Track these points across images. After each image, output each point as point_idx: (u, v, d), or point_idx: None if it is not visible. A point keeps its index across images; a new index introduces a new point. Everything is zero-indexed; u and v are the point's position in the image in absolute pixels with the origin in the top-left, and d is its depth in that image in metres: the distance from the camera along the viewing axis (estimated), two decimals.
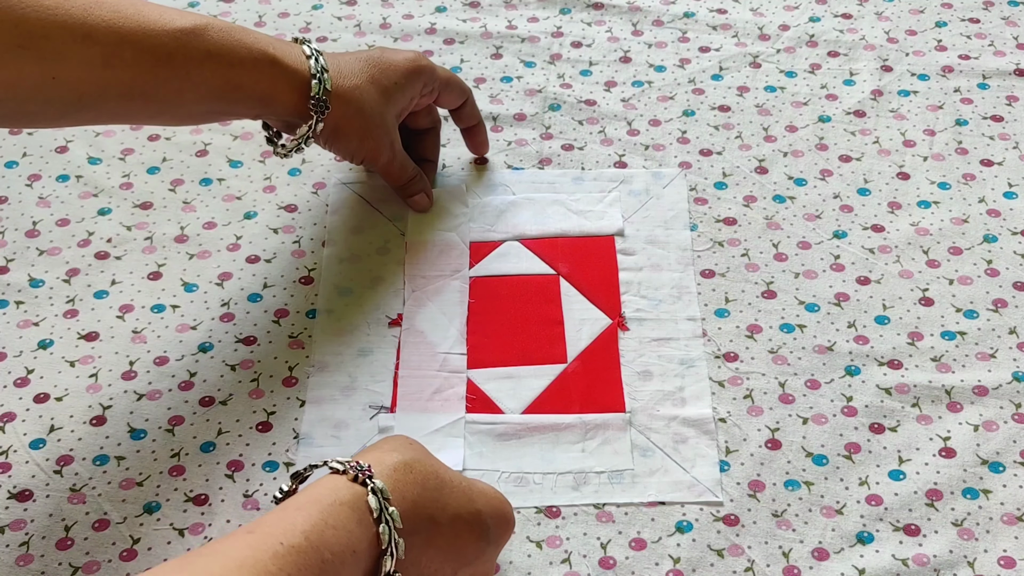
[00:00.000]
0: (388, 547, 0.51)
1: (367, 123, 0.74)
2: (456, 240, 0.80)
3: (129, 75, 0.63)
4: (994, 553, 0.64)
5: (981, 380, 0.72)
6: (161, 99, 0.65)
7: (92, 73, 0.62)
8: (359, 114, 0.73)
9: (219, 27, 0.66)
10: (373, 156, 0.76)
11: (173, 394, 0.72)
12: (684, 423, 0.70)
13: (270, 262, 0.79)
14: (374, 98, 0.74)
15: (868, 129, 0.88)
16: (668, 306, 0.76)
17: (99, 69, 0.62)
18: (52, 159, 0.85)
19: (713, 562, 0.64)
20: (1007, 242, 0.80)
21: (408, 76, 0.76)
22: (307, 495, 0.52)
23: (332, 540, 0.50)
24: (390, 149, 0.76)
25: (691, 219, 0.81)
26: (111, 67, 0.62)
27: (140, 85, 0.64)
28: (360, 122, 0.73)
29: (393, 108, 0.75)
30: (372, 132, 0.74)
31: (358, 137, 0.74)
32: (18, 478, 0.68)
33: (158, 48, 0.63)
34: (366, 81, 0.73)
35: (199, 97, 0.66)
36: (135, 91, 0.64)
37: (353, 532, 0.51)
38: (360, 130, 0.74)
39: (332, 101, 0.71)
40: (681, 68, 0.93)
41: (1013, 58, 0.93)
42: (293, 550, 0.48)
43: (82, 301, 0.76)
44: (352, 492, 0.52)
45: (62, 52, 0.60)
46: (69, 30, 0.60)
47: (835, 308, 0.76)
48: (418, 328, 0.75)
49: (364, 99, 0.73)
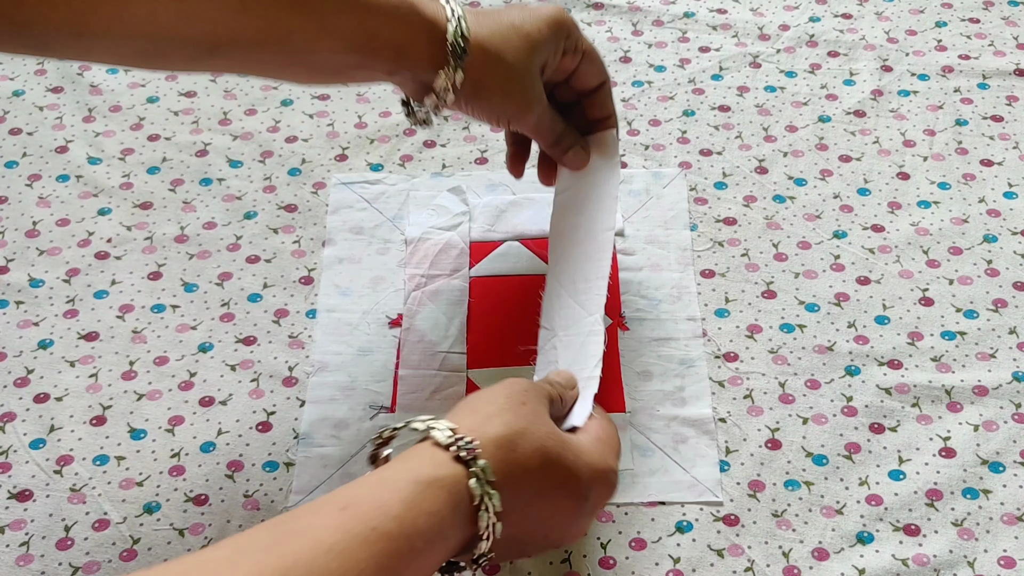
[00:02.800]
0: (485, 532, 0.50)
1: (511, 74, 0.66)
2: (456, 240, 0.80)
3: (264, 20, 0.60)
4: (994, 553, 0.64)
5: (981, 380, 0.72)
6: (294, 48, 0.62)
7: (227, 15, 0.59)
8: (501, 63, 0.66)
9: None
10: (520, 113, 0.69)
11: (173, 394, 0.72)
12: (684, 423, 0.70)
13: (270, 262, 0.79)
14: (517, 45, 0.66)
15: (868, 129, 0.88)
16: (668, 306, 0.76)
17: (234, 12, 0.59)
18: (52, 159, 0.85)
19: (713, 562, 0.64)
20: (1007, 242, 0.80)
21: (552, 26, 0.68)
22: (404, 469, 0.50)
23: (425, 527, 0.48)
24: (539, 104, 0.69)
25: (691, 219, 0.81)
26: (246, 10, 0.59)
27: (274, 31, 0.60)
28: (504, 72, 0.66)
29: (538, 58, 0.68)
30: (518, 85, 0.67)
31: (502, 91, 0.67)
32: (18, 478, 0.68)
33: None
34: (507, 27, 0.66)
35: (333, 47, 0.62)
36: (269, 38, 0.61)
37: (447, 518, 0.49)
38: (504, 83, 0.67)
39: (471, 49, 0.64)
40: (681, 68, 0.93)
41: (1013, 58, 0.93)
42: (384, 536, 0.47)
43: (82, 301, 0.76)
44: (453, 473, 0.50)
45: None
46: None
47: (835, 308, 0.76)
48: (418, 328, 0.75)
49: (507, 47, 0.66)
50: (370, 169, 0.85)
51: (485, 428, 0.53)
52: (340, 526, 0.47)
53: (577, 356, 0.67)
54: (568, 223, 0.73)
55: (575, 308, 0.70)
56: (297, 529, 0.47)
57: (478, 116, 0.69)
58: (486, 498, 0.51)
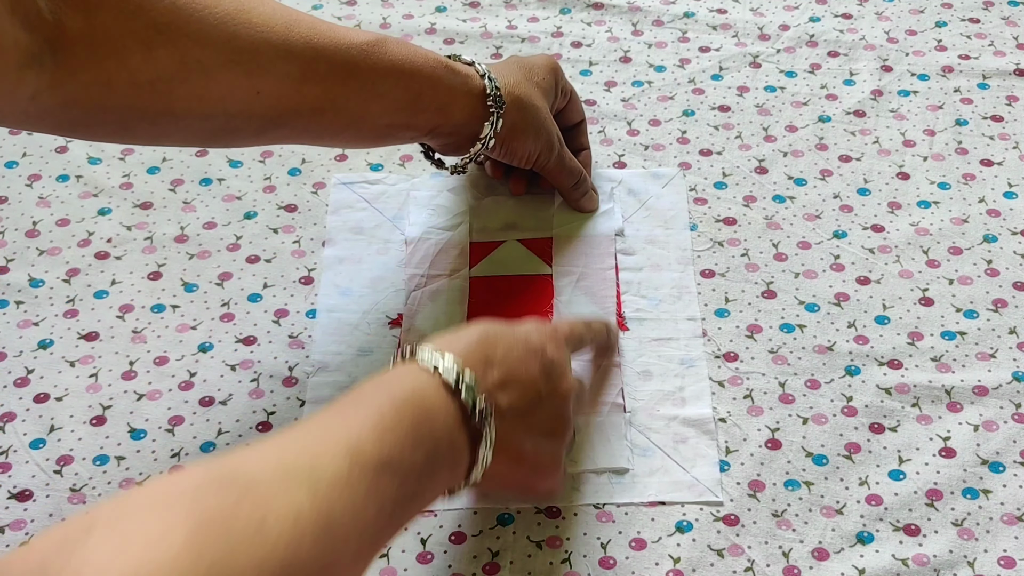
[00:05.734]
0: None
1: (537, 118, 0.75)
2: (456, 240, 0.80)
3: (322, 88, 0.66)
4: (994, 553, 0.64)
5: (981, 380, 0.72)
6: (349, 112, 0.68)
7: (291, 87, 0.65)
8: (529, 109, 0.74)
9: (396, 41, 0.69)
10: (548, 150, 0.77)
11: (173, 394, 0.72)
12: (684, 423, 0.70)
13: (270, 262, 0.79)
14: (534, 93, 0.75)
15: (868, 129, 0.88)
16: (668, 306, 0.76)
17: (297, 83, 0.65)
18: (52, 159, 0.85)
19: (713, 562, 0.64)
20: (1007, 242, 0.80)
21: (552, 72, 0.78)
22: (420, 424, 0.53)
23: None
24: (560, 144, 0.78)
25: (691, 219, 0.81)
26: (307, 81, 0.65)
27: (331, 98, 0.66)
28: (532, 117, 0.75)
29: (549, 101, 0.77)
30: (542, 127, 0.76)
31: (533, 132, 0.75)
32: (18, 478, 0.68)
33: (348, 62, 0.66)
34: (522, 77, 0.75)
35: (383, 109, 0.69)
36: (326, 105, 0.66)
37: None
38: (533, 126, 0.75)
39: (505, 98, 0.72)
40: (681, 68, 0.93)
41: (1013, 58, 0.93)
42: None
43: (82, 301, 0.76)
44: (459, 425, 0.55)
45: (266, 67, 0.64)
46: (273, 47, 0.63)
47: (835, 308, 0.76)
48: (418, 328, 0.75)
49: (530, 95, 0.75)
50: (370, 169, 0.85)
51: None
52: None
53: None
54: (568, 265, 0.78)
55: None
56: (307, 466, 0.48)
57: (509, 158, 0.76)
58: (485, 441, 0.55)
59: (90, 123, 0.63)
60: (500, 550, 0.64)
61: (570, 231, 0.80)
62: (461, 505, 0.66)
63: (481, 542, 0.65)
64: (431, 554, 0.64)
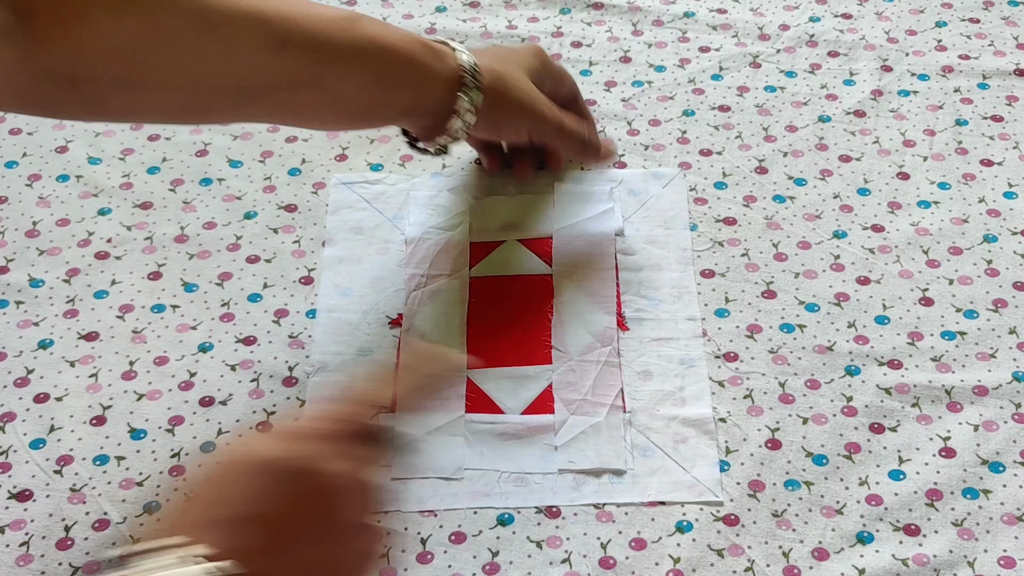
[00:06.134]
0: None
1: (519, 88, 0.74)
2: (456, 240, 0.80)
3: (298, 61, 0.65)
4: (994, 553, 0.64)
5: (981, 380, 0.72)
6: (325, 87, 0.67)
7: (264, 58, 0.64)
8: (509, 80, 0.73)
9: (371, 18, 0.69)
10: (538, 122, 0.76)
11: (173, 394, 0.72)
12: (684, 423, 0.70)
13: (270, 262, 0.79)
14: (513, 68, 0.74)
15: (868, 129, 0.88)
16: (668, 306, 0.76)
17: (271, 55, 0.64)
18: (52, 159, 0.85)
19: (713, 562, 0.64)
20: (1007, 242, 0.80)
21: (533, 56, 0.77)
22: None
23: None
24: (551, 109, 0.76)
25: (691, 219, 0.81)
26: (282, 52, 0.65)
27: (308, 73, 0.66)
28: (513, 88, 0.74)
29: (535, 82, 0.76)
30: (526, 97, 0.75)
31: (517, 103, 0.74)
32: (18, 478, 0.68)
33: (324, 34, 0.66)
34: (503, 59, 0.75)
35: (360, 84, 0.68)
36: (302, 79, 0.66)
37: None
38: (516, 97, 0.74)
39: (483, 69, 0.71)
40: (681, 68, 0.93)
41: (1013, 58, 0.93)
42: None
43: (82, 301, 0.76)
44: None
45: (238, 37, 0.63)
46: (246, 16, 0.63)
47: (835, 308, 0.76)
48: (418, 328, 0.75)
49: (508, 69, 0.74)
50: (370, 169, 0.85)
51: None
52: None
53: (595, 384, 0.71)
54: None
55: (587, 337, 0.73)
56: None
57: (499, 134, 0.76)
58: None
59: (64, 99, 0.62)
60: (500, 550, 0.64)
61: (570, 231, 0.80)
62: (461, 505, 0.66)
63: (481, 542, 0.65)
64: (431, 554, 0.64)
